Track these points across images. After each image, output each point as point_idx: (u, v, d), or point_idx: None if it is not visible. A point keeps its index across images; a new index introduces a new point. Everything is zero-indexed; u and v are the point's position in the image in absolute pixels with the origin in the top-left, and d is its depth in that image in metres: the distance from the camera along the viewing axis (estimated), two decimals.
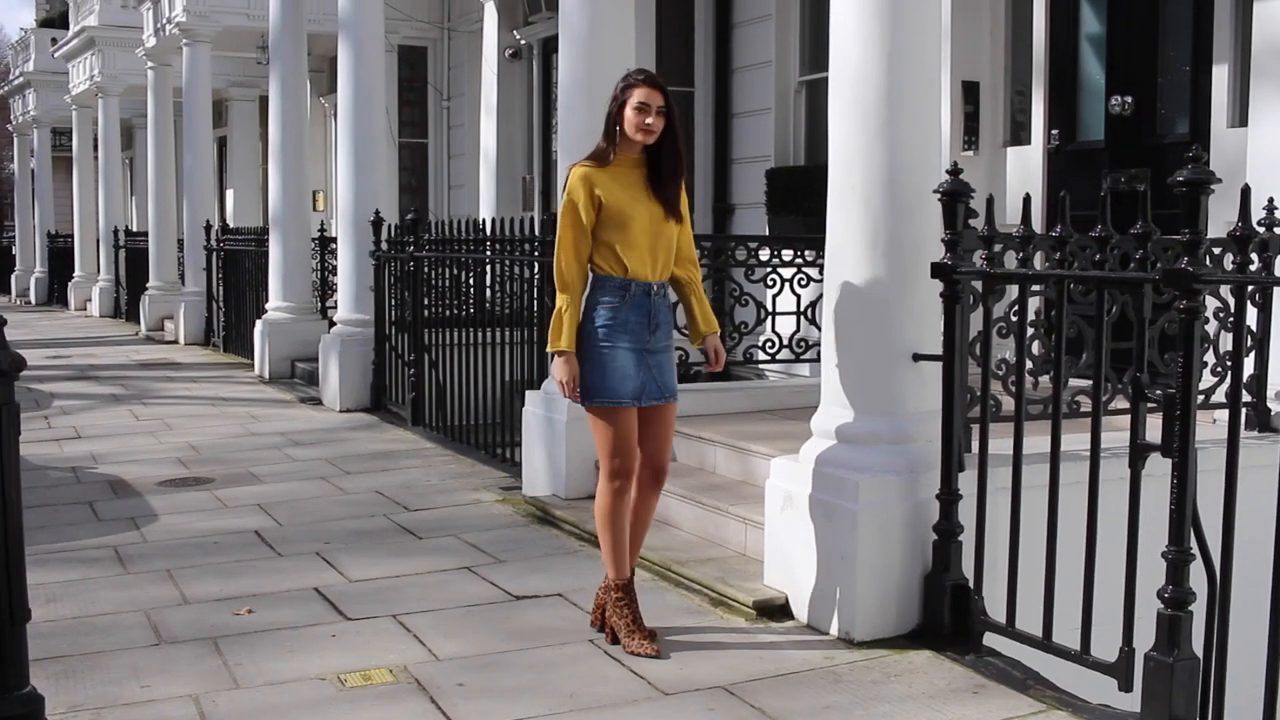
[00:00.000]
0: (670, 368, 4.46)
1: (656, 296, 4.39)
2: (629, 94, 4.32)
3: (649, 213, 4.34)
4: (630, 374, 4.34)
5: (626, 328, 4.33)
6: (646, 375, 4.36)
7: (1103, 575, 3.83)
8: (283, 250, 12.32)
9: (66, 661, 4.33)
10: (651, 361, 4.37)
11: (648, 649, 4.31)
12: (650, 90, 4.30)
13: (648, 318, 4.36)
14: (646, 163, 4.39)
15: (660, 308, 4.41)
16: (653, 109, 4.29)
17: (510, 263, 7.76)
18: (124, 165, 25.98)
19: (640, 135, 4.30)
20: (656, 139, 4.33)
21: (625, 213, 4.31)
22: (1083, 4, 7.94)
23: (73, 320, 22.02)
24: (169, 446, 8.66)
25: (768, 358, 7.42)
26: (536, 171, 13.85)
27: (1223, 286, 4.72)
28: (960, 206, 4.33)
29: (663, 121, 4.32)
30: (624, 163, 4.37)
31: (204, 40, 15.98)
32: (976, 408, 4.39)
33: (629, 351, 4.33)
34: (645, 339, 4.35)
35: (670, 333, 4.47)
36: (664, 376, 4.41)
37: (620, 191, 4.34)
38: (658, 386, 4.39)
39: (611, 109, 4.37)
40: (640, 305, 4.35)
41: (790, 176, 10.02)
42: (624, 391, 4.34)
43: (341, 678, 4.16)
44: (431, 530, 6.17)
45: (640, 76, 4.38)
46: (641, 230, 4.33)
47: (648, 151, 4.38)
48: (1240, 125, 6.60)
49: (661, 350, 4.41)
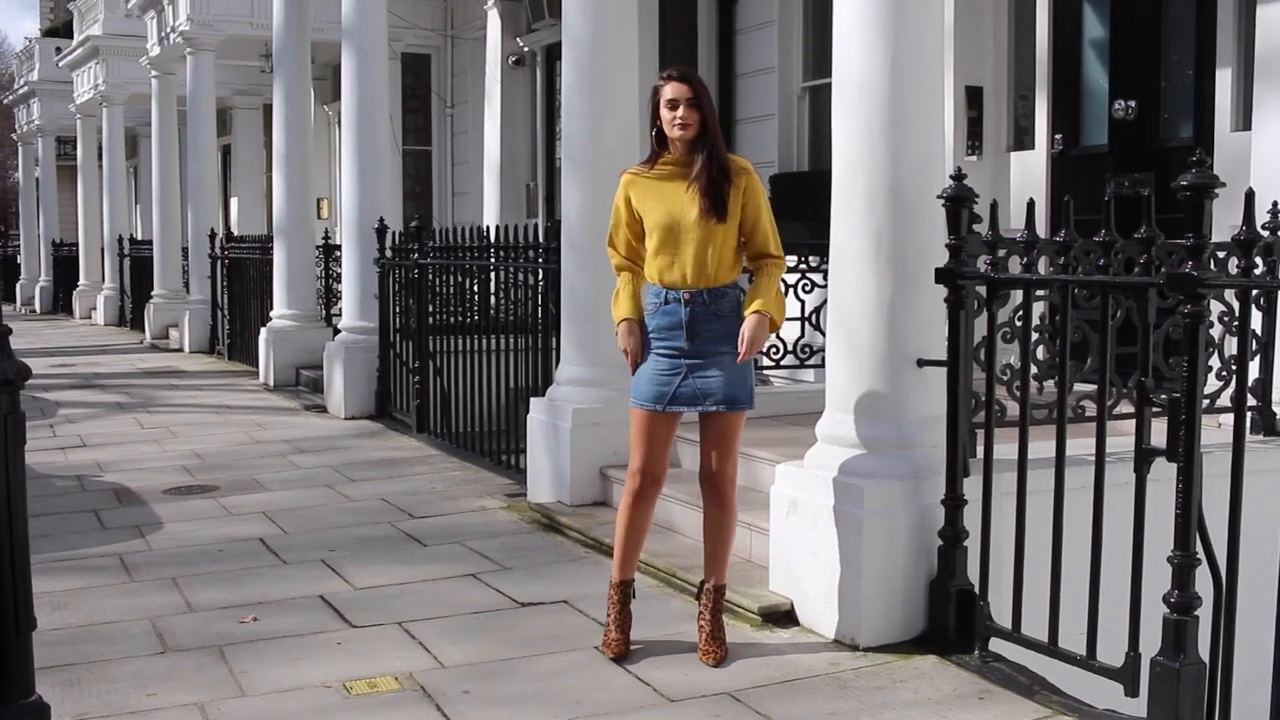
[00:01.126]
0: (725, 375, 4.27)
1: (694, 305, 4.26)
2: (659, 94, 4.29)
3: (688, 216, 4.24)
4: (661, 379, 4.30)
5: (661, 334, 4.31)
6: (685, 382, 4.27)
7: (1108, 580, 3.82)
8: (287, 258, 12.33)
9: (72, 670, 4.34)
10: (694, 368, 4.27)
11: (610, 650, 4.37)
12: (677, 84, 4.26)
13: (683, 326, 4.27)
14: (698, 166, 4.26)
15: (700, 316, 4.26)
16: (681, 102, 4.23)
17: (514, 270, 7.76)
18: (128, 174, 26.05)
19: (678, 130, 4.24)
20: (697, 131, 4.25)
21: (657, 219, 4.28)
22: (1086, 8, 7.95)
23: (77, 329, 22.04)
24: (174, 454, 8.67)
25: (772, 364, 7.41)
26: (540, 178, 13.87)
27: (1227, 291, 4.72)
28: (964, 212, 4.33)
29: (696, 114, 4.23)
30: (671, 164, 4.33)
31: (208, 49, 16.01)
32: (981, 413, 4.38)
33: (665, 357, 4.30)
34: (683, 347, 4.28)
35: (724, 334, 4.28)
36: (710, 383, 4.27)
37: (657, 198, 4.30)
38: (697, 394, 4.28)
39: (650, 113, 4.35)
40: (672, 313, 4.28)
41: (794, 182, 10.02)
42: (648, 395, 4.32)
43: (347, 685, 4.16)
44: (437, 537, 6.17)
45: (667, 74, 4.35)
46: (674, 236, 4.26)
47: (698, 151, 4.27)
48: (1244, 129, 6.60)
49: (709, 357, 4.27)
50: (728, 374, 4.29)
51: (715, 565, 4.48)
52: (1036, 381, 4.35)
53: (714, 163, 4.25)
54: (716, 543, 4.48)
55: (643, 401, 4.34)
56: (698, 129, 4.25)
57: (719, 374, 4.28)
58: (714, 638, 4.38)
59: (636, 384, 4.38)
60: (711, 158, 4.26)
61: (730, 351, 4.28)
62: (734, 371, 4.30)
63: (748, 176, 4.33)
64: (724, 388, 4.29)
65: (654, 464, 4.39)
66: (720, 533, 4.47)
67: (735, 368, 4.30)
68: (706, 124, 4.26)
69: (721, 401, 4.30)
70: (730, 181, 4.27)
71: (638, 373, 4.38)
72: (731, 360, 4.28)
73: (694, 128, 4.25)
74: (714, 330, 4.28)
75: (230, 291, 15.15)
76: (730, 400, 4.31)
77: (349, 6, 10.42)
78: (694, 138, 4.26)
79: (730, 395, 4.30)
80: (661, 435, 4.38)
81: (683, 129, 4.24)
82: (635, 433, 4.39)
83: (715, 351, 4.28)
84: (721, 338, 4.29)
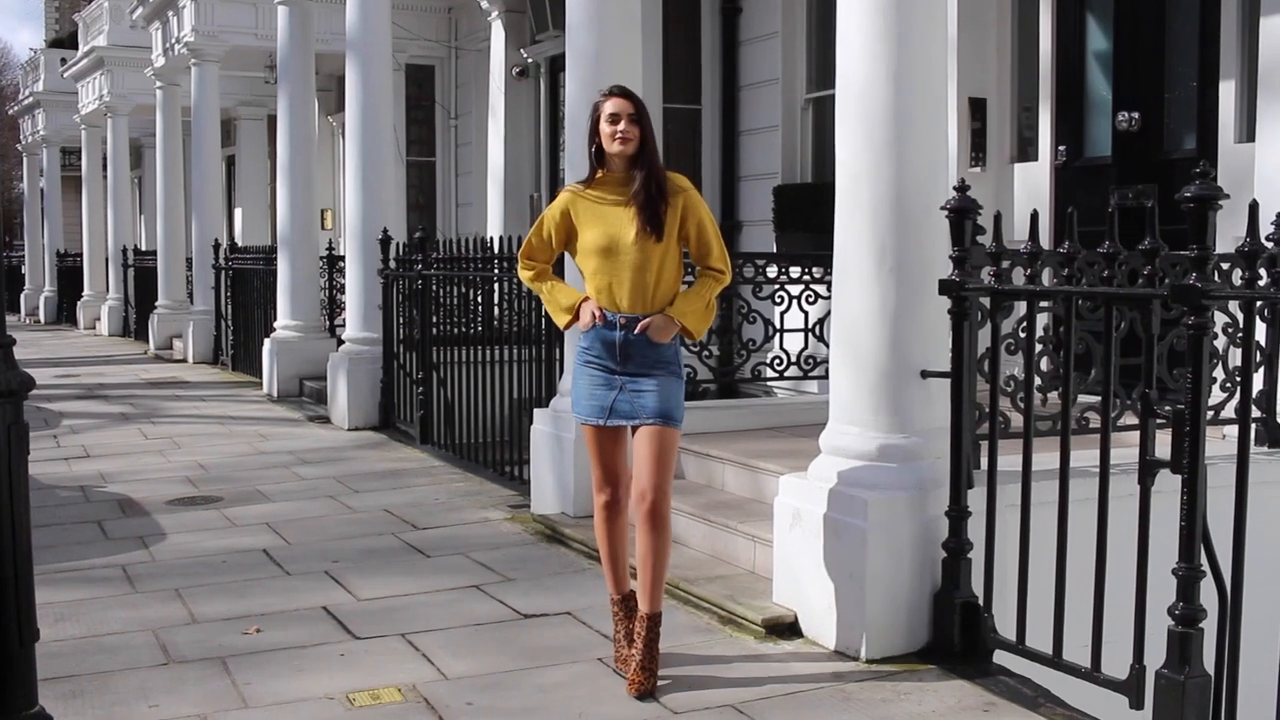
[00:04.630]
0: (654, 392, 4.20)
1: (629, 330, 4.19)
2: (600, 109, 4.25)
3: (626, 237, 4.18)
4: (597, 392, 4.26)
5: (593, 352, 4.27)
6: (620, 396, 4.22)
7: (1113, 592, 3.82)
8: (291, 269, 12.35)
9: (75, 681, 4.33)
10: (626, 384, 4.22)
11: (626, 666, 4.30)
12: (619, 100, 4.23)
13: (616, 349, 4.21)
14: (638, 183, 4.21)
15: (635, 342, 4.19)
16: (623, 117, 4.19)
17: (518, 281, 7.75)
18: (133, 184, 26.08)
19: (618, 145, 4.19)
20: (636, 148, 4.21)
21: (595, 240, 4.23)
22: (1089, 20, 7.95)
23: (81, 339, 22.07)
24: (177, 465, 8.67)
25: (776, 375, 7.41)
26: (544, 189, 13.87)
27: (1231, 302, 4.71)
28: (968, 223, 4.33)
29: (637, 130, 4.19)
30: (609, 183, 4.27)
31: (212, 60, 16.05)
32: (985, 424, 4.38)
33: (597, 372, 4.26)
34: (613, 366, 4.23)
35: (657, 363, 4.22)
36: (644, 399, 4.19)
37: (596, 219, 4.25)
38: (633, 408, 4.21)
39: (589, 129, 4.30)
40: (606, 336, 4.22)
41: (797, 193, 10.03)
42: (587, 410, 4.29)
43: (350, 697, 4.15)
44: (440, 549, 6.16)
45: (608, 90, 4.32)
46: (612, 258, 4.20)
47: (636, 170, 4.22)
48: (1248, 140, 6.60)
49: (640, 376, 4.21)
50: (660, 391, 4.22)
51: (646, 592, 4.25)
52: (1040, 393, 4.35)
53: (652, 181, 4.20)
54: (648, 567, 4.24)
55: (584, 416, 4.32)
56: (637, 145, 4.21)
57: (653, 389, 4.21)
58: (644, 668, 4.17)
59: (576, 398, 4.35)
60: (650, 176, 4.21)
61: (663, 374, 4.23)
62: (665, 390, 4.23)
63: (685, 194, 4.27)
64: (658, 404, 4.21)
65: (611, 475, 4.36)
66: (655, 557, 4.24)
67: (667, 387, 4.23)
68: (646, 141, 4.22)
69: (655, 416, 4.21)
70: (666, 201, 4.22)
71: (575, 386, 4.35)
72: (663, 380, 4.23)
73: (634, 143, 4.20)
74: (646, 356, 4.22)
75: (234, 302, 15.18)
76: (664, 415, 4.21)
77: (353, 18, 10.46)
78: (633, 154, 4.21)
79: (664, 410, 4.22)
80: (610, 448, 4.34)
81: (623, 144, 4.19)
82: (588, 447, 4.37)
83: (644, 372, 4.22)
84: (654, 363, 4.23)
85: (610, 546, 4.44)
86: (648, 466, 4.21)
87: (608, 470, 4.36)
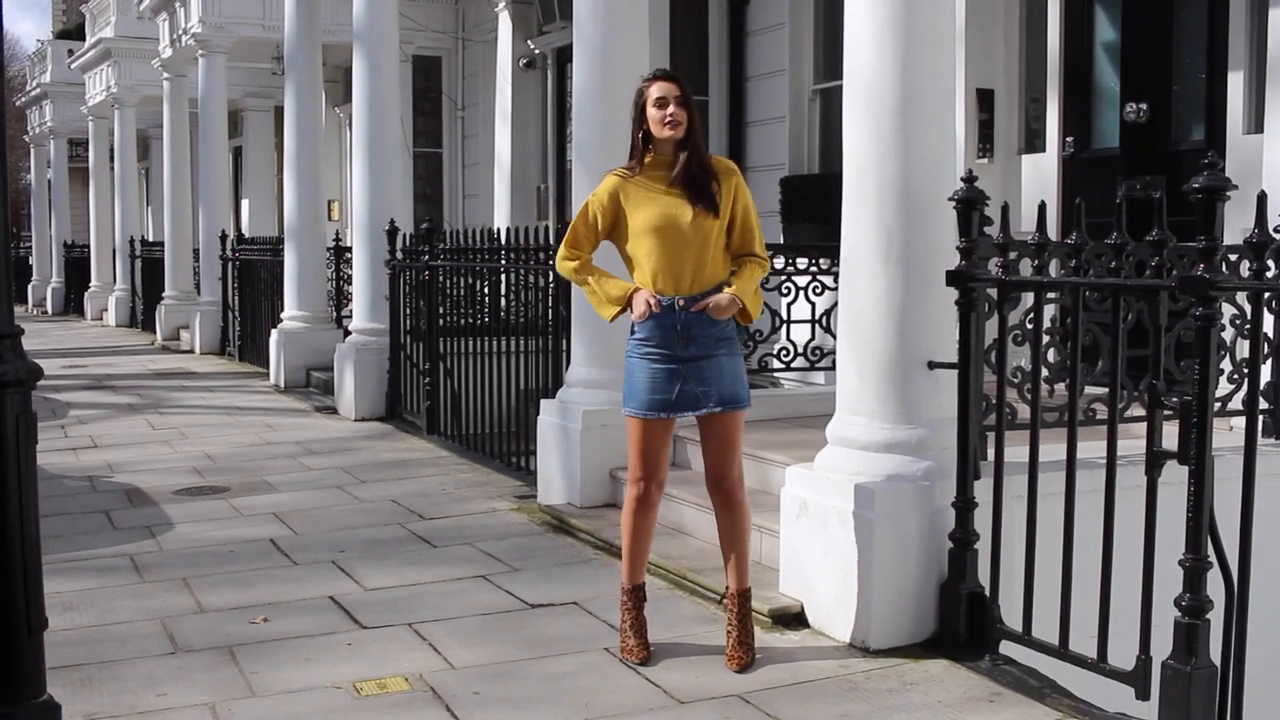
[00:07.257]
0: (723, 374, 4.24)
1: (684, 311, 4.20)
2: (645, 93, 4.27)
3: (684, 217, 4.20)
4: (658, 386, 4.25)
5: (653, 340, 4.25)
6: (684, 386, 4.23)
7: (1119, 583, 3.82)
8: (298, 260, 12.36)
9: (83, 670, 4.35)
10: (690, 372, 4.22)
11: (632, 656, 4.34)
12: (665, 83, 4.24)
13: (675, 332, 4.22)
14: (679, 164, 4.24)
15: (695, 321, 4.20)
16: (671, 100, 4.21)
17: (525, 272, 7.76)
18: (140, 175, 26.09)
19: (668, 129, 4.21)
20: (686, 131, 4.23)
21: (650, 222, 4.23)
22: (1097, 11, 7.93)
23: (89, 330, 22.10)
24: (185, 455, 8.69)
25: (783, 366, 7.41)
26: (551, 180, 13.87)
27: (1239, 293, 4.70)
28: (975, 214, 4.33)
29: (685, 112, 4.21)
30: (659, 165, 4.28)
31: (220, 51, 16.03)
32: (992, 415, 4.38)
33: (659, 364, 4.24)
34: (677, 350, 4.23)
35: (719, 341, 4.24)
36: (708, 385, 4.23)
37: (648, 202, 4.25)
38: (698, 395, 4.23)
39: (634, 114, 4.31)
40: (663, 320, 4.22)
41: (805, 185, 10.01)
42: (648, 402, 4.27)
43: (357, 686, 4.16)
44: (447, 539, 6.17)
45: (652, 74, 4.35)
46: (669, 239, 4.21)
47: (681, 153, 4.25)
48: (1256, 132, 6.59)
49: (704, 358, 4.23)
50: (725, 374, 4.26)
51: (735, 570, 4.42)
52: (1047, 384, 4.34)
53: (693, 161, 4.24)
54: (733, 548, 4.42)
55: (643, 411, 4.29)
56: (686, 128, 4.24)
57: (716, 374, 4.25)
58: (741, 643, 4.33)
59: (632, 393, 4.32)
60: (691, 156, 4.24)
61: (726, 353, 4.27)
62: (731, 370, 4.28)
63: (736, 176, 4.34)
64: (722, 388, 4.25)
65: (656, 470, 4.37)
66: (737, 537, 4.41)
67: (731, 367, 4.28)
68: (692, 124, 4.25)
69: (721, 402, 4.26)
70: (717, 179, 4.26)
71: (631, 381, 4.33)
72: (727, 360, 4.27)
73: (684, 126, 4.23)
74: (709, 334, 4.24)
75: (241, 293, 15.20)
76: (730, 400, 4.27)
77: (360, 9, 10.45)
78: (681, 138, 4.24)
79: (729, 395, 4.27)
80: (661, 442, 4.35)
81: (673, 128, 4.21)
82: (634, 441, 4.35)
83: (707, 354, 4.24)
84: (716, 341, 4.26)
85: (635, 536, 4.44)
86: (724, 452, 4.34)
87: (650, 464, 4.35)
